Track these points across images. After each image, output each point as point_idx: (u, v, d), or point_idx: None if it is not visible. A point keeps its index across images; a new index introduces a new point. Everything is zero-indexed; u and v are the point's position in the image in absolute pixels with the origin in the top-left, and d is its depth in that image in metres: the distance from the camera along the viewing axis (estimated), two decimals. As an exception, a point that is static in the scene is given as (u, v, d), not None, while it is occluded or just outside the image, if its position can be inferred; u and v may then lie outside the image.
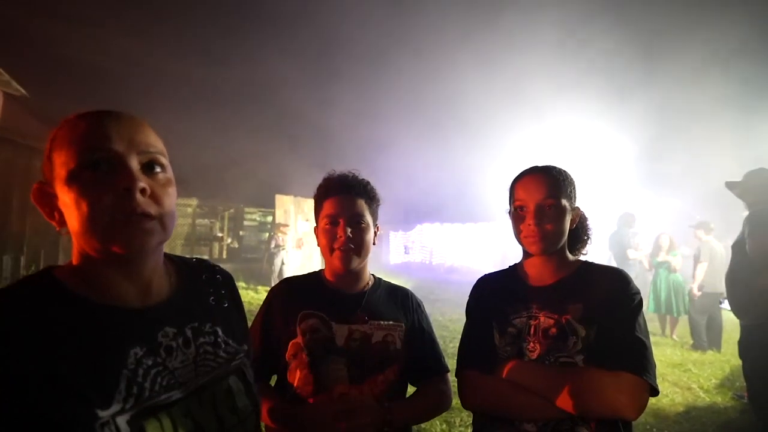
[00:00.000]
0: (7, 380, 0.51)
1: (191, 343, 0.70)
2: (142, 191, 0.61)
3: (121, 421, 0.56)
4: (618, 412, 0.95)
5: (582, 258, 1.21)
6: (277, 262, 9.95)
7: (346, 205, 1.19)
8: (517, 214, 1.12)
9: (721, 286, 5.80)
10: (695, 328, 5.84)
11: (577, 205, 1.14)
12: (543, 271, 1.13)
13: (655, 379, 0.97)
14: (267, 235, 14.01)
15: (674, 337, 6.23)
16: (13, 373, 0.51)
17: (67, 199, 0.61)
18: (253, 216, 16.56)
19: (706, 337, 5.68)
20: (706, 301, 5.71)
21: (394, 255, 17.60)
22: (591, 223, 1.23)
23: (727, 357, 5.14)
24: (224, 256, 14.80)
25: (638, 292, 1.07)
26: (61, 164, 0.61)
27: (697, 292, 5.74)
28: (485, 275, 1.28)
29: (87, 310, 0.61)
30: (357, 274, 1.23)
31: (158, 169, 0.66)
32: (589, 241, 1.21)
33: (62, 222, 0.64)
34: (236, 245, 15.51)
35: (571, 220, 1.11)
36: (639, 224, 7.25)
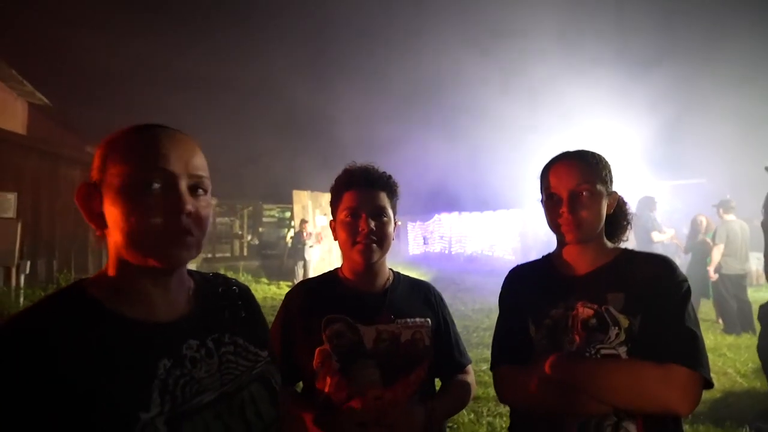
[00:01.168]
0: (45, 394, 0.53)
1: (214, 354, 0.72)
2: (188, 214, 0.65)
3: (159, 422, 0.59)
4: (669, 408, 0.90)
5: (622, 245, 1.15)
6: (307, 257, 10.11)
7: (368, 197, 1.16)
8: (549, 202, 1.07)
9: (744, 267, 5.63)
10: (725, 312, 5.68)
11: (614, 189, 1.09)
12: (580, 259, 1.08)
13: (709, 372, 0.91)
14: (286, 230, 14.18)
15: (719, 321, 5.99)
16: (50, 388, 0.54)
17: (115, 209, 0.63)
18: (271, 212, 16.76)
19: (738, 320, 5.50)
20: (730, 283, 5.57)
21: (412, 246, 17.57)
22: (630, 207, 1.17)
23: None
24: (245, 253, 15.05)
25: (686, 280, 1.01)
26: (115, 173, 0.64)
27: (714, 275, 5.61)
28: (517, 266, 1.24)
29: (117, 324, 0.63)
30: (377, 271, 1.20)
31: (202, 192, 0.70)
32: (629, 227, 1.15)
33: (102, 225, 0.66)
34: (256, 242, 15.73)
35: (608, 205, 1.06)
36: (662, 208, 7.03)
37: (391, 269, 1.28)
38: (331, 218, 1.25)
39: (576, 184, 1.02)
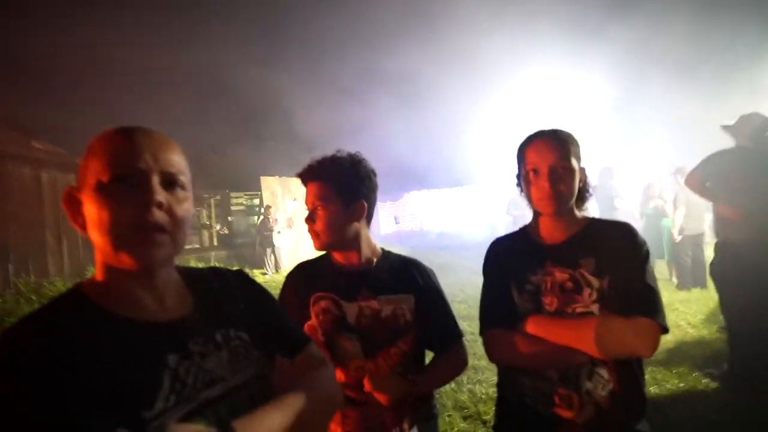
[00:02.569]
0: (50, 397, 0.53)
1: (223, 346, 0.73)
2: (159, 205, 0.65)
3: (169, 422, 0.60)
4: (636, 353, 1.06)
5: (586, 213, 1.26)
6: (277, 244, 10.05)
7: (309, 191, 1.26)
8: (529, 177, 1.16)
9: (701, 228, 6.04)
10: (680, 269, 6.12)
11: (582, 165, 1.19)
12: (555, 229, 1.19)
13: (665, 320, 1.06)
14: (255, 218, 13.95)
15: (673, 279, 6.47)
16: (56, 389, 0.54)
17: (91, 208, 0.65)
18: (239, 200, 16.37)
19: (691, 276, 5.95)
20: (688, 242, 5.95)
21: (384, 225, 17.69)
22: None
23: (711, 293, 5.39)
24: (215, 243, 14.72)
25: (645, 243, 1.14)
26: (92, 174, 0.65)
27: (677, 237, 5.96)
28: (498, 238, 1.35)
29: (119, 324, 0.65)
30: (355, 252, 1.27)
31: (178, 187, 0.69)
32: (590, 198, 1.26)
33: (84, 227, 0.68)
34: (226, 231, 15.40)
35: (579, 179, 1.17)
36: (623, 174, 7.43)
37: (382, 248, 1.34)
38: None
39: (556, 160, 1.12)
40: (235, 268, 0.92)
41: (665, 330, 1.05)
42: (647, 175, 7.64)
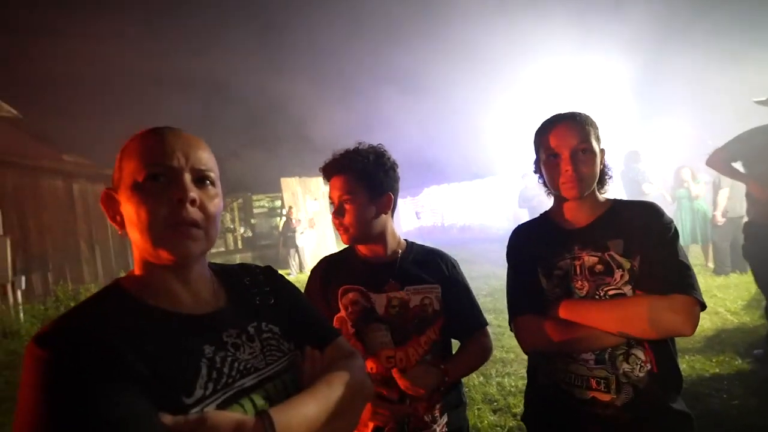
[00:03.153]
0: (98, 382, 0.55)
1: (255, 339, 0.76)
2: (192, 202, 0.68)
3: (208, 410, 0.61)
4: (677, 331, 1.02)
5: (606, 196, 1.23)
6: (299, 244, 10.20)
7: (335, 186, 1.24)
8: (550, 162, 1.14)
9: (743, 210, 5.72)
10: (719, 254, 5.83)
11: (602, 147, 1.16)
12: (579, 213, 1.17)
13: (701, 295, 1.03)
14: (278, 219, 14.16)
15: (709, 264, 6.19)
16: (103, 376, 0.56)
17: (128, 208, 0.68)
18: (261, 203, 16.65)
19: (729, 260, 5.67)
20: (729, 225, 5.62)
21: (405, 221, 17.67)
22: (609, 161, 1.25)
23: (751, 278, 5.15)
24: (239, 246, 15.03)
25: (672, 221, 1.11)
26: (128, 174, 0.68)
27: (720, 219, 5.64)
28: (520, 225, 1.32)
29: (157, 315, 0.68)
30: (381, 244, 1.27)
31: (208, 183, 0.72)
32: (610, 180, 1.22)
33: (122, 225, 0.71)
34: (249, 234, 15.69)
35: (599, 161, 1.15)
36: (649, 157, 7.14)
37: (406, 240, 1.35)
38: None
39: (577, 142, 1.10)
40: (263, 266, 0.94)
41: (703, 306, 1.03)
42: (679, 158, 7.30)
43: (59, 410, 0.52)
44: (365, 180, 1.21)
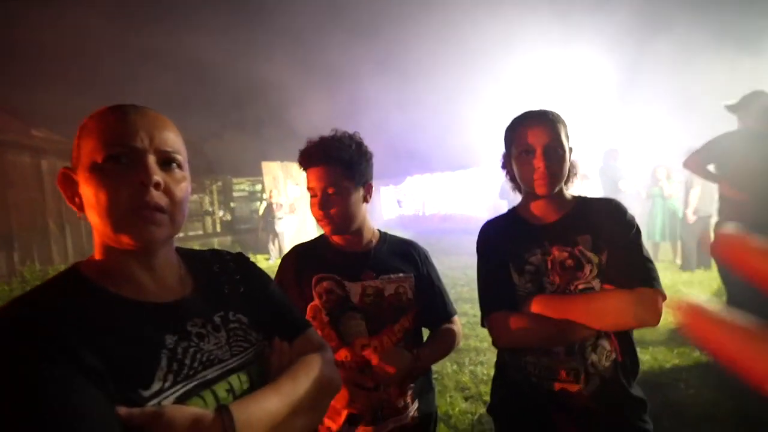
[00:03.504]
0: (49, 375, 0.52)
1: (221, 328, 0.73)
2: (156, 185, 0.64)
3: (167, 403, 0.59)
4: (644, 323, 1.07)
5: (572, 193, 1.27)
6: (278, 229, 10.08)
7: (319, 176, 1.20)
8: (522, 158, 1.16)
9: (711, 209, 5.94)
10: (686, 250, 6.07)
11: (570, 145, 1.19)
12: (547, 209, 1.20)
13: (662, 288, 1.09)
14: (258, 203, 13.96)
15: (677, 261, 6.40)
16: (55, 367, 0.53)
17: (87, 190, 0.64)
18: (241, 186, 16.35)
19: (696, 257, 5.91)
20: (698, 224, 5.83)
21: (386, 210, 17.69)
22: (581, 156, 1.29)
23: (715, 274, 5.39)
24: (218, 229, 14.77)
25: (634, 218, 1.17)
26: (86, 153, 0.64)
27: (692, 217, 5.83)
28: (489, 221, 1.33)
29: (117, 304, 0.64)
30: (358, 235, 1.27)
31: (174, 166, 0.69)
32: (576, 177, 1.26)
33: (81, 207, 0.67)
34: (229, 217, 15.43)
35: (569, 159, 1.17)
36: (628, 155, 7.33)
37: (378, 230, 1.35)
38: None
39: (550, 140, 1.12)
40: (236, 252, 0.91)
41: (665, 298, 1.08)
42: (656, 157, 7.50)
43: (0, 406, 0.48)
44: (350, 170, 1.19)
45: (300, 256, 1.30)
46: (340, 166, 1.19)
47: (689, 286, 5.18)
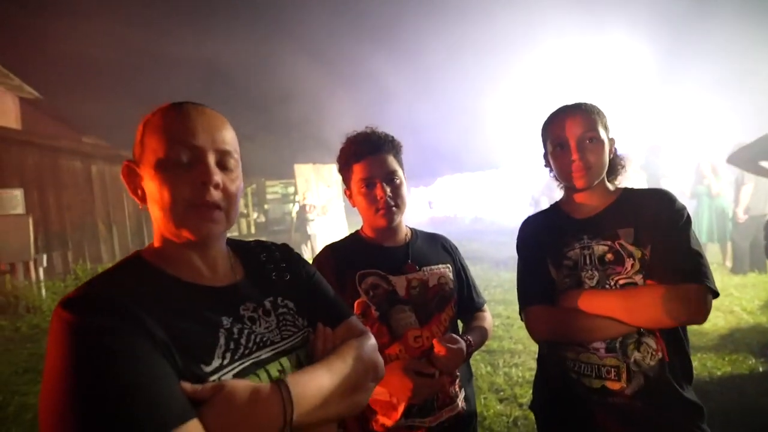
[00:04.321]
0: (124, 346, 0.56)
1: (271, 313, 0.77)
2: (215, 186, 0.68)
3: (226, 379, 0.63)
4: (688, 320, 1.01)
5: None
6: (310, 231, 10.25)
7: (378, 164, 1.21)
8: (557, 152, 1.14)
9: (767, 208, 5.46)
10: (738, 252, 5.68)
11: (611, 136, 1.15)
12: (589, 202, 1.17)
13: (714, 283, 1.01)
14: (291, 206, 14.26)
15: (727, 263, 6.01)
16: (128, 340, 0.57)
17: (151, 185, 0.68)
18: (275, 189, 16.74)
19: (748, 259, 5.53)
20: (751, 223, 5.42)
21: (416, 211, 17.63)
22: (622, 151, 1.23)
23: (771, 277, 5.04)
24: (252, 231, 15.20)
25: (685, 208, 1.09)
26: (151, 150, 0.68)
27: (742, 216, 5.46)
28: (529, 217, 1.32)
29: (178, 285, 0.69)
30: (397, 228, 1.29)
31: (231, 165, 0.72)
32: (623, 170, 1.21)
33: (144, 199, 0.71)
34: (263, 219, 15.84)
35: (608, 150, 1.14)
36: (672, 150, 6.97)
37: (407, 226, 1.36)
38: (345, 188, 1.31)
39: (583, 131, 1.10)
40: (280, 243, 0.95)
41: (715, 294, 1.01)
42: (701, 151, 7.05)
43: (84, 371, 0.53)
44: (399, 160, 1.26)
45: (337, 253, 1.29)
46: (395, 157, 1.24)
47: (741, 290, 4.85)
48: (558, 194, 1.28)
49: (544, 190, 8.89)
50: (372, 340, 0.85)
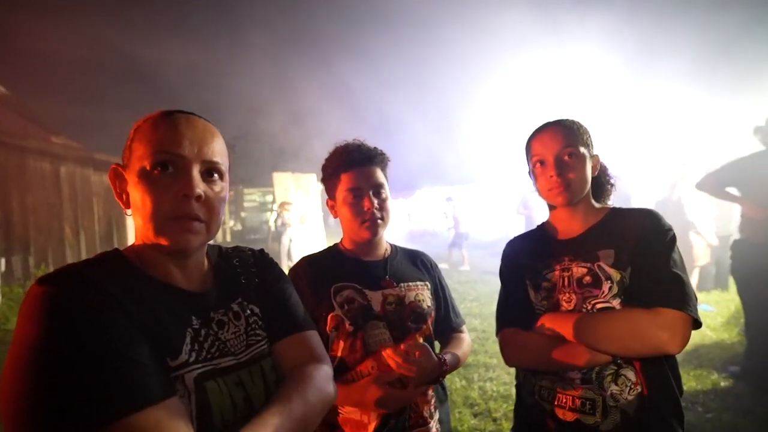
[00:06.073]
0: (111, 319, 0.58)
1: (241, 315, 0.78)
2: (197, 198, 0.68)
3: (189, 378, 0.64)
4: (660, 349, 0.93)
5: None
6: (285, 240, 10.07)
7: (368, 176, 1.20)
8: (538, 169, 1.12)
9: (729, 229, 5.75)
10: (702, 271, 5.89)
11: (595, 152, 1.14)
12: (571, 222, 1.13)
13: (696, 311, 0.94)
14: (268, 214, 14.07)
15: (692, 280, 6.23)
16: (107, 315, 0.58)
17: (135, 192, 0.68)
18: (252, 197, 16.53)
19: (713, 278, 5.76)
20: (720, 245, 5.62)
21: (395, 223, 17.65)
22: (612, 170, 1.23)
23: (733, 295, 5.25)
24: (228, 239, 14.91)
25: (671, 228, 1.03)
26: (137, 157, 0.68)
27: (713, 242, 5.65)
28: (513, 238, 1.29)
29: (153, 283, 0.70)
30: (378, 243, 1.28)
31: (216, 177, 0.72)
32: (613, 189, 1.20)
33: (128, 204, 0.72)
34: (239, 227, 15.57)
35: (591, 167, 1.11)
36: (639, 171, 7.21)
37: (387, 241, 1.34)
38: (328, 198, 1.29)
39: (561, 148, 1.07)
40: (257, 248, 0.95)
41: (697, 322, 0.93)
42: (668, 167, 7.30)
43: (61, 335, 0.52)
44: (387, 176, 1.25)
45: (313, 265, 1.26)
46: (382, 170, 1.24)
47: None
48: (537, 211, 1.29)
49: (518, 208, 9.04)
50: (325, 368, 0.82)
